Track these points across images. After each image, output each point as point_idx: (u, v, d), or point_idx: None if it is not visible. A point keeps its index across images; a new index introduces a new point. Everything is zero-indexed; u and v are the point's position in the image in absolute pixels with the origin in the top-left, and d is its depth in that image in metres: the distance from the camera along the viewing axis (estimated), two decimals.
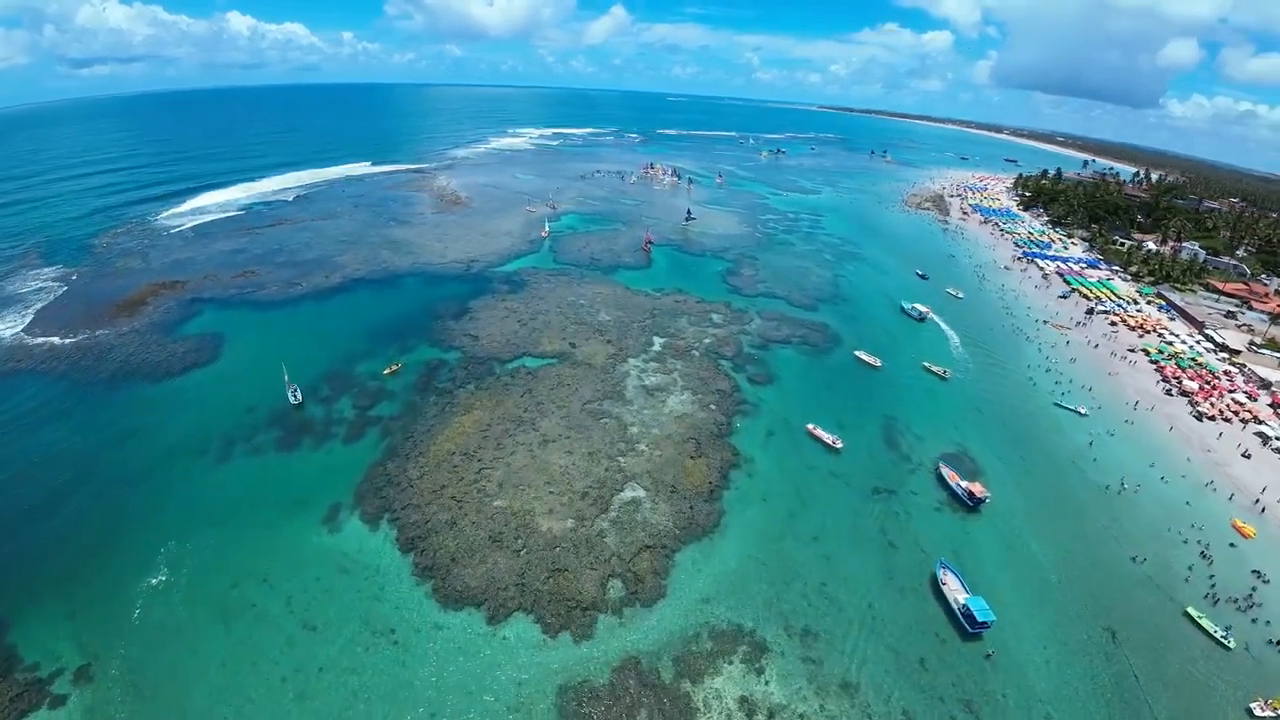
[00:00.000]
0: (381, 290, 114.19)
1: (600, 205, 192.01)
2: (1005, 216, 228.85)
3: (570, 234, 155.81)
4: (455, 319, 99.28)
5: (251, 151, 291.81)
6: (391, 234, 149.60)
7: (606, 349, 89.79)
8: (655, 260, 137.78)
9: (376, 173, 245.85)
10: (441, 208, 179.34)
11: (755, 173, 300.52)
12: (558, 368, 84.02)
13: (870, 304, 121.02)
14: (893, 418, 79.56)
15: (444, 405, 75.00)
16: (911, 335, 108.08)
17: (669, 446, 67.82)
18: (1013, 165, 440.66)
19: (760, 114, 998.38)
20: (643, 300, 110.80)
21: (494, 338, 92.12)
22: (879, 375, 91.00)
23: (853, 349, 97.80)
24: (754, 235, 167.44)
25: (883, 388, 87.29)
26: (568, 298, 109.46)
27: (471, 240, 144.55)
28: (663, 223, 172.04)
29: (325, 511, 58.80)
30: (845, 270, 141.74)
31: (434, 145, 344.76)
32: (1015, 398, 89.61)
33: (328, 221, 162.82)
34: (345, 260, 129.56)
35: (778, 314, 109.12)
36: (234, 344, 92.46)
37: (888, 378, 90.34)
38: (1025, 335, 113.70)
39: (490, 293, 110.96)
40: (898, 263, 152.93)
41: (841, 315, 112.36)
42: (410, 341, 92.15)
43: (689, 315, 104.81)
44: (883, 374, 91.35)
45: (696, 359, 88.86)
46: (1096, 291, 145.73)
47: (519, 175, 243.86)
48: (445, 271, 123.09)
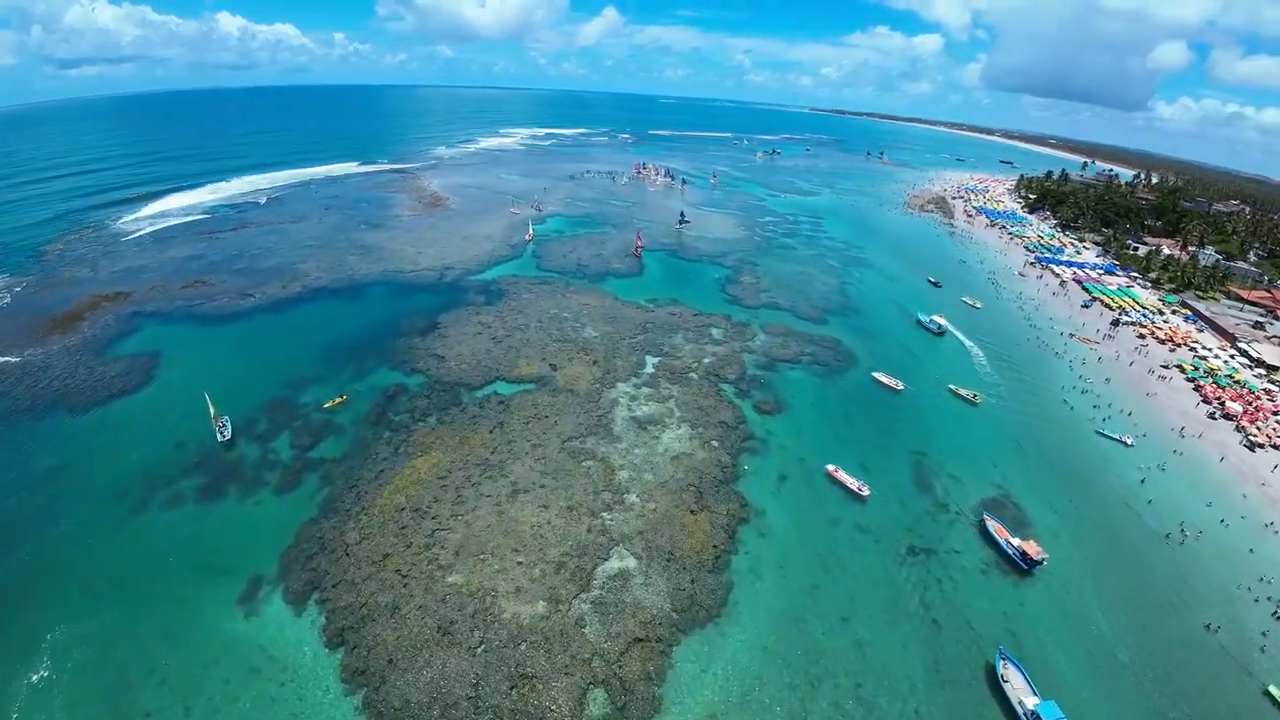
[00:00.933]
0: (343, 302, 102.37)
1: (589, 207, 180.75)
2: (1012, 219, 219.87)
3: (556, 238, 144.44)
4: (422, 336, 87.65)
5: (230, 152, 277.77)
6: (362, 238, 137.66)
7: (592, 371, 78.50)
8: (647, 266, 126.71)
9: (357, 173, 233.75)
10: (419, 209, 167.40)
11: (751, 174, 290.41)
12: (535, 395, 72.65)
13: (883, 315, 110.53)
14: (922, 454, 68.85)
15: (398, 444, 63.45)
16: (931, 352, 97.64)
17: (664, 497, 56.62)
18: (1008, 167, 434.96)
19: (753, 115, 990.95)
20: (633, 313, 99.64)
21: (463, 358, 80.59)
22: (901, 401, 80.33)
23: (870, 369, 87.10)
24: (753, 239, 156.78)
25: (907, 416, 76.58)
26: (550, 310, 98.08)
27: (448, 245, 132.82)
28: (655, 226, 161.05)
29: (245, 585, 47.48)
30: (852, 277, 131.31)
31: (420, 145, 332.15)
32: (1054, 426, 79.34)
33: (295, 225, 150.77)
34: (307, 268, 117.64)
35: (783, 328, 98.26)
36: (170, 365, 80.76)
37: (912, 404, 79.69)
38: (1053, 350, 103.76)
39: (464, 305, 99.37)
40: (907, 269, 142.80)
41: (853, 329, 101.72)
42: (368, 363, 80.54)
43: (685, 330, 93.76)
44: (905, 399, 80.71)
45: (695, 383, 77.77)
46: (1119, 300, 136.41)
47: (504, 175, 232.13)
48: (416, 280, 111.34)
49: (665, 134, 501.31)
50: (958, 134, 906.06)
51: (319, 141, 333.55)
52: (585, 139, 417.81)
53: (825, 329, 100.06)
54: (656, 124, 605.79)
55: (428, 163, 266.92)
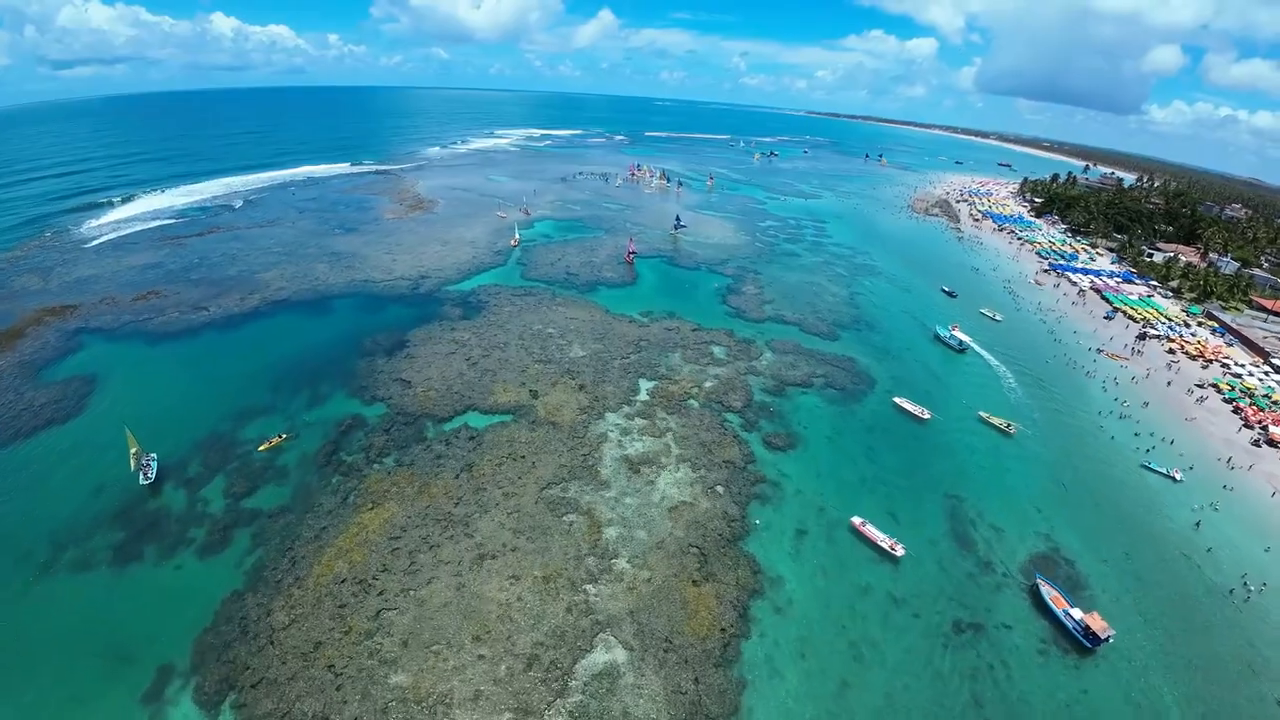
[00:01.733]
0: (304, 316, 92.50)
1: (580, 210, 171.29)
2: (1020, 224, 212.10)
3: (544, 243, 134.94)
4: (387, 356, 77.95)
5: (213, 153, 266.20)
6: (334, 244, 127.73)
7: (578, 399, 69.01)
8: (641, 275, 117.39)
9: (340, 173, 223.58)
10: (400, 213, 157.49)
11: (749, 176, 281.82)
12: (511, 429, 63.09)
13: (899, 330, 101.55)
14: (958, 498, 59.77)
15: (347, 492, 53.79)
16: (955, 371, 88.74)
17: (661, 562, 47.20)
18: (1008, 170, 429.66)
19: (749, 118, 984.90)
20: (626, 328, 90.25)
21: (432, 384, 70.93)
22: (928, 432, 71.22)
23: (890, 393, 78.00)
24: (754, 245, 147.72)
25: (937, 451, 67.47)
26: (533, 325, 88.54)
27: (427, 251, 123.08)
28: (650, 231, 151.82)
29: (152, 679, 38.29)
30: (862, 287, 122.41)
31: (409, 146, 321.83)
32: (1096, 459, 70.59)
33: (265, 229, 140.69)
34: (270, 277, 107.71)
35: (792, 345, 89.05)
36: (105, 391, 71.04)
37: (940, 435, 70.59)
38: (1082, 368, 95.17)
39: (438, 319, 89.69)
40: (919, 277, 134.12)
41: (868, 345, 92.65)
42: (323, 389, 70.82)
43: (684, 348, 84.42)
44: (933, 430, 71.60)
45: (695, 412, 68.39)
46: (1143, 311, 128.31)
47: (493, 177, 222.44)
48: (387, 291, 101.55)
49: (661, 136, 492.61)
50: (953, 137, 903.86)
51: (306, 142, 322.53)
52: (579, 140, 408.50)
53: (837, 346, 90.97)
54: (652, 126, 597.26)
55: (415, 164, 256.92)
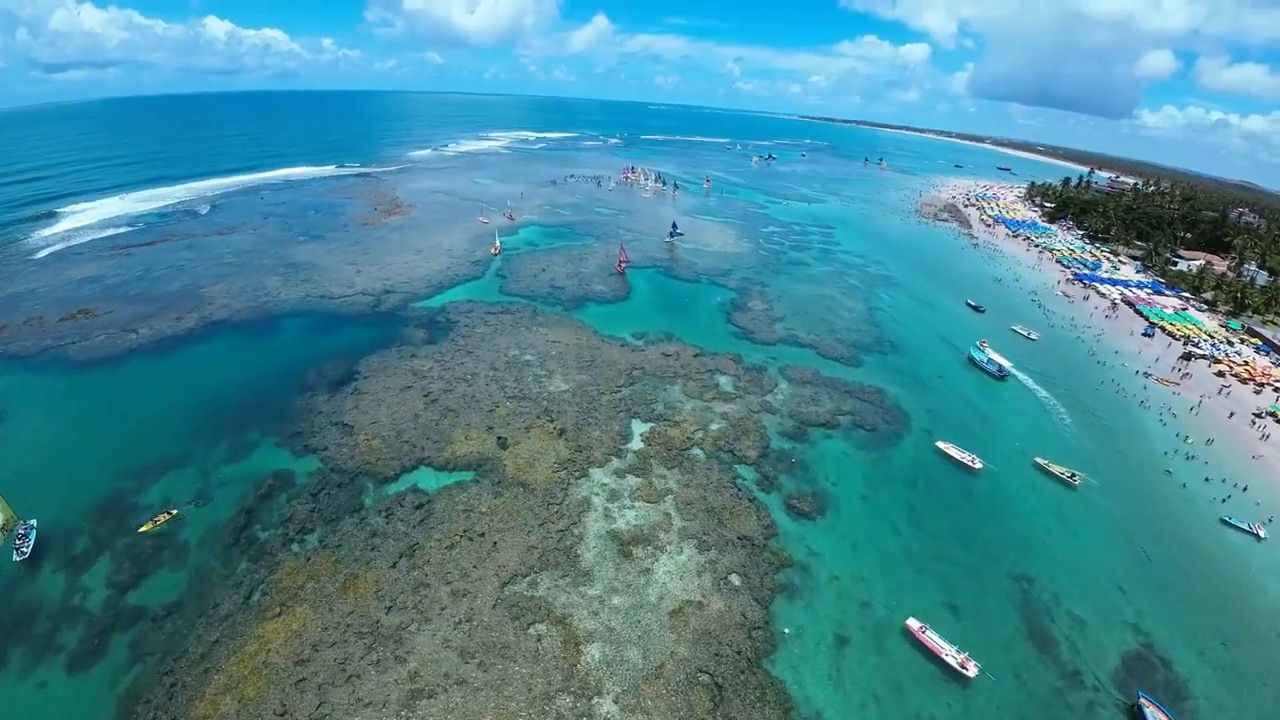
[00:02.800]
0: (243, 340, 79.74)
1: (569, 215, 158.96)
2: (1035, 230, 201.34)
3: (527, 251, 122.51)
4: (331, 392, 65.26)
5: (190, 155, 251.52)
6: (294, 253, 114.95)
7: (556, 449, 56.50)
8: (635, 288, 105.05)
9: (319, 176, 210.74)
10: (373, 218, 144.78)
11: (748, 179, 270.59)
12: (470, 492, 50.51)
13: (927, 352, 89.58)
14: (1027, 578, 47.70)
15: (253, 587, 41.23)
16: (998, 403, 76.81)
17: (660, 700, 34.68)
18: (1008, 174, 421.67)
19: (744, 122, 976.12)
20: (617, 352, 77.84)
21: (379, 429, 58.28)
22: (980, 485, 59.13)
23: (929, 433, 65.90)
24: (757, 253, 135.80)
25: (994, 512, 55.39)
26: (509, 350, 75.98)
27: (396, 262, 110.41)
28: (645, 238, 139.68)
29: None
30: (880, 301, 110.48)
31: (397, 148, 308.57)
32: (1171, 515, 59.18)
33: (223, 237, 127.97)
34: (215, 292, 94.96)
35: (810, 373, 76.79)
36: (5, 438, 58.76)
37: (995, 490, 58.51)
38: (1134, 397, 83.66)
39: (397, 344, 77.02)
40: (939, 289, 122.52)
41: (895, 372, 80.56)
42: (249, 435, 58.17)
43: (684, 378, 72.04)
44: (985, 482, 59.51)
45: (700, 465, 56.04)
46: (1182, 327, 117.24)
47: (479, 180, 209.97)
48: (344, 309, 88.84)
49: (659, 139, 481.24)
50: (947, 141, 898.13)
51: (290, 145, 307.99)
52: (572, 143, 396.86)
53: (861, 373, 78.82)
54: (647, 130, 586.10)
55: (400, 166, 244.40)
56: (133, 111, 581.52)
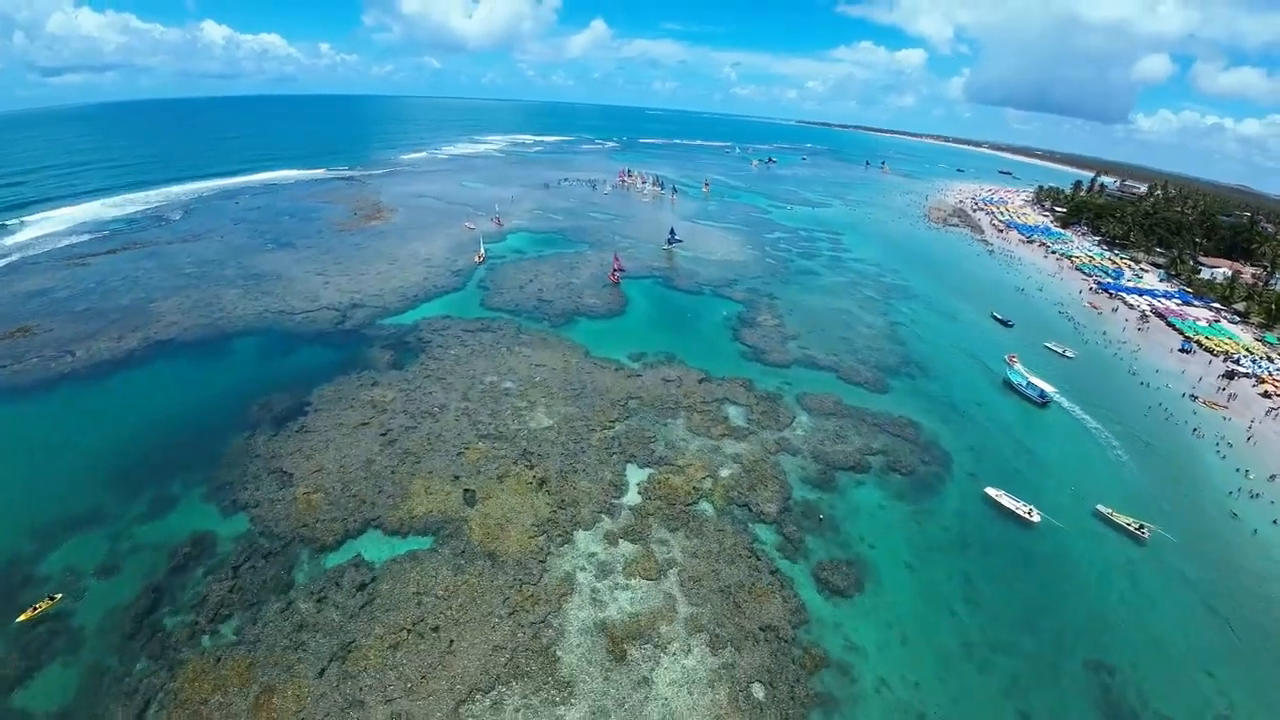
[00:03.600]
0: (187, 364, 69.97)
1: (561, 220, 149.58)
2: (1049, 235, 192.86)
3: (515, 259, 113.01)
4: (274, 429, 55.56)
5: (174, 159, 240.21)
6: (259, 262, 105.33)
7: (535, 505, 46.82)
8: (631, 301, 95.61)
9: (302, 179, 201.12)
10: (350, 223, 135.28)
11: (749, 183, 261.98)
12: (426, 566, 40.76)
13: (958, 374, 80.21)
14: (1106, 669, 38.42)
15: (150, 696, 31.70)
16: (1044, 435, 67.42)
17: None
18: (1009, 178, 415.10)
19: (742, 127, 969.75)
20: (610, 378, 68.23)
21: (324, 479, 48.54)
22: (1040, 543, 49.61)
23: (975, 478, 56.42)
24: (764, 261, 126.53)
25: (1059, 578, 45.88)
26: (486, 376, 66.32)
27: (369, 271, 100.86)
28: (642, 245, 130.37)
29: None
30: (900, 314, 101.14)
31: (387, 151, 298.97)
32: (1249, 571, 50.49)
33: (188, 244, 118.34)
34: (165, 307, 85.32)
35: (831, 402, 67.23)
36: None
37: (1058, 550, 48.99)
38: (1185, 424, 74.70)
39: (358, 368, 67.31)
40: (961, 300, 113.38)
41: (927, 399, 71.10)
42: (174, 486, 48.49)
43: (688, 410, 62.45)
44: (1045, 539, 50.02)
45: (709, 524, 46.41)
46: (1220, 342, 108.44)
47: (468, 183, 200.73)
48: (304, 327, 79.18)
49: (659, 143, 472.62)
50: (945, 146, 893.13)
51: (279, 148, 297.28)
52: (569, 146, 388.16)
53: (889, 401, 69.33)
54: (645, 133, 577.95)
55: (388, 169, 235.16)
56: (126, 115, 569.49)
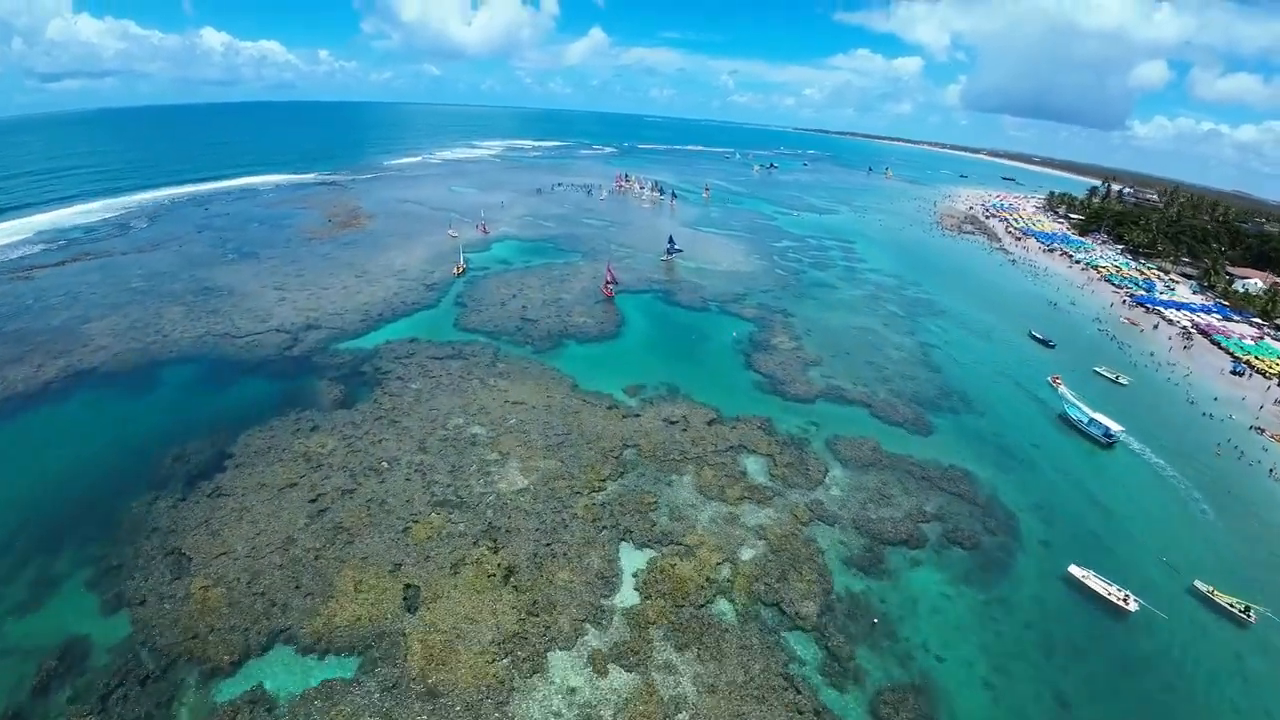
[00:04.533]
0: (106, 399, 58.70)
1: (553, 227, 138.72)
2: (1069, 243, 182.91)
3: (499, 271, 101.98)
4: (184, 490, 44.26)
5: (156, 164, 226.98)
6: (213, 275, 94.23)
7: (498, 612, 35.43)
8: (627, 319, 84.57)
9: (283, 183, 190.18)
10: (322, 231, 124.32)
11: (751, 189, 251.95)
12: (343, 704, 29.40)
13: (1007, 407, 69.15)
14: None
15: None
16: (1117, 488, 56.38)
17: None
18: (1012, 184, 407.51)
19: (740, 133, 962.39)
20: (601, 419, 57.00)
21: (230, 566, 37.21)
22: (1142, 643, 38.45)
23: (1049, 549, 45.35)
24: (773, 273, 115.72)
25: (1171, 692, 34.84)
26: (451, 418, 55.01)
27: (332, 286, 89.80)
28: (640, 255, 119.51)
29: None
30: (930, 333, 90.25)
31: (377, 156, 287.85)
32: None
33: (143, 255, 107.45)
34: (99, 329, 74.17)
35: (869, 448, 55.96)
36: None
37: (1160, 648, 37.97)
38: (1260, 464, 64.84)
39: (299, 407, 56.01)
40: (992, 316, 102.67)
41: (978, 442, 60.00)
42: (58, 563, 37.64)
43: (697, 461, 51.23)
44: (1145, 635, 38.90)
45: (730, 635, 35.09)
46: (1270, 362, 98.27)
47: (457, 189, 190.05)
48: (247, 353, 67.88)
49: (661, 149, 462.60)
50: (942, 152, 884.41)
51: (268, 152, 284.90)
52: (566, 151, 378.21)
53: (935, 445, 58.25)
54: (644, 139, 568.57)
55: (375, 174, 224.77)
56: (120, 121, 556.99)
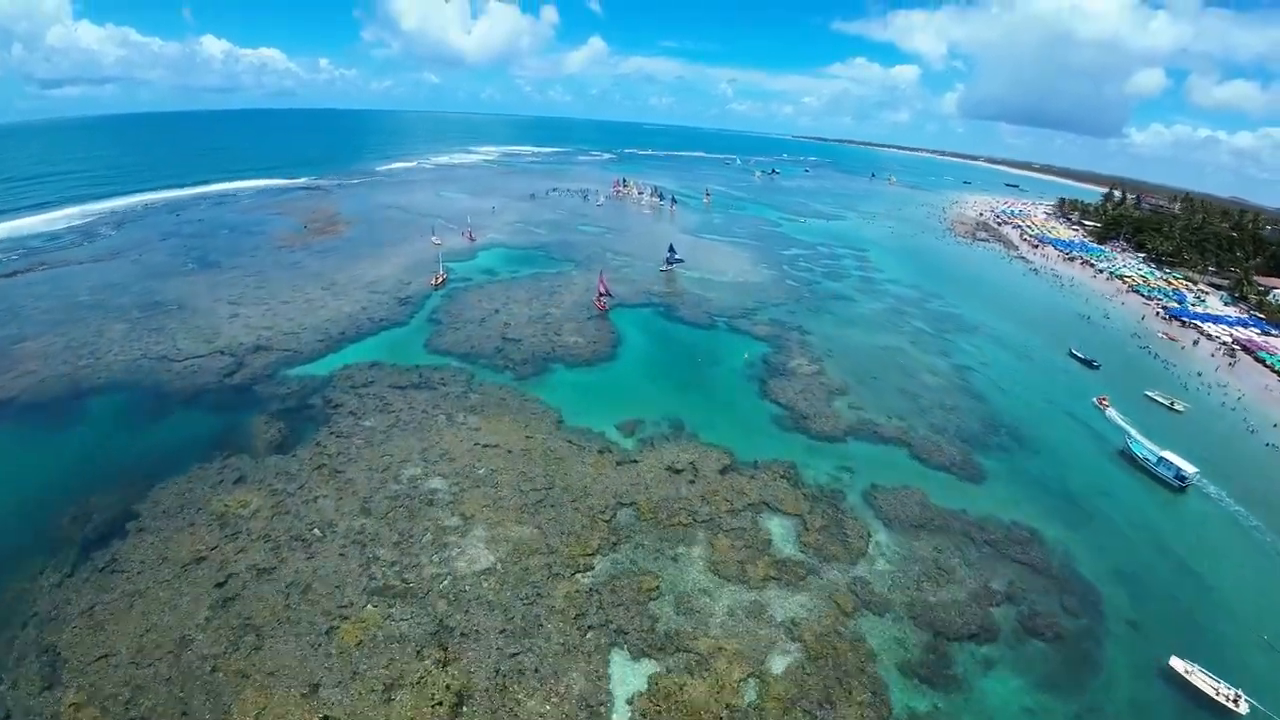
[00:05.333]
0: (20, 435, 49.17)
1: (545, 234, 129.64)
2: (1089, 252, 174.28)
3: (482, 283, 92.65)
4: (78, 559, 34.79)
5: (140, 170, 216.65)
6: (166, 288, 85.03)
7: None
8: (623, 338, 75.08)
9: (265, 188, 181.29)
10: (295, 239, 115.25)
11: (754, 194, 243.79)
12: None
13: (1062, 442, 59.66)
14: None
15: None
16: (1198, 542, 46.87)
17: None
18: (1016, 190, 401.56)
19: (739, 141, 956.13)
20: (591, 468, 47.32)
21: (108, 675, 27.52)
22: None
23: (1137, 630, 35.97)
24: (784, 284, 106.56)
25: None
26: (405, 468, 45.34)
27: (295, 299, 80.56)
28: (638, 264, 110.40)
29: None
30: (963, 353, 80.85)
31: (369, 161, 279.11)
32: None
33: (99, 265, 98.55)
34: (31, 350, 64.89)
35: (916, 500, 46.25)
36: None
37: None
38: None
39: (226, 450, 46.41)
40: (1026, 332, 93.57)
41: (1038, 489, 50.50)
42: None
43: (709, 526, 41.59)
44: None
45: None
46: None
47: (446, 194, 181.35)
48: (183, 380, 58.39)
49: (660, 155, 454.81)
50: (941, 159, 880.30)
51: (256, 158, 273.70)
52: (564, 157, 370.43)
53: (990, 494, 48.78)
54: (644, 145, 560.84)
55: (364, 178, 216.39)
56: (115, 127, 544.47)
